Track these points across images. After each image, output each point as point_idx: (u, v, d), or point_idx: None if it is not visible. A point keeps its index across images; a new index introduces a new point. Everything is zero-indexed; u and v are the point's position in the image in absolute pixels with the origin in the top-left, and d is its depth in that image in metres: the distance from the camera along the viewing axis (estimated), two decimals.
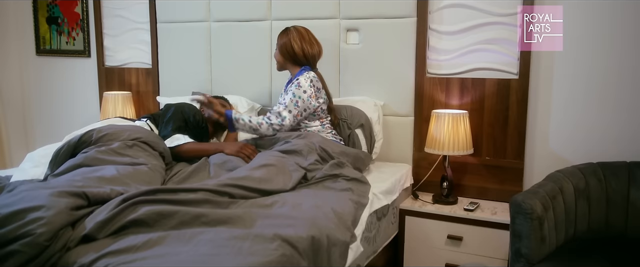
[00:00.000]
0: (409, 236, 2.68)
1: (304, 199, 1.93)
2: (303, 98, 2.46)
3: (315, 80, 2.53)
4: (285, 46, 2.58)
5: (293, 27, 2.62)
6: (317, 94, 2.52)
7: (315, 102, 2.51)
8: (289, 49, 2.57)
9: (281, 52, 2.62)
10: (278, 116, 2.46)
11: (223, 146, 2.46)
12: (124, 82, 3.74)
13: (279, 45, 2.62)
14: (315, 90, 2.51)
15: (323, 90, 2.58)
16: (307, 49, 2.57)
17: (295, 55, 2.57)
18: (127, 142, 2.24)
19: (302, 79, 2.50)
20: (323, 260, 1.66)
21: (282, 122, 2.45)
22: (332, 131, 2.61)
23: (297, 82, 2.50)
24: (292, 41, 2.57)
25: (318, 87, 2.54)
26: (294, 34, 2.59)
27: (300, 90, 2.47)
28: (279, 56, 2.64)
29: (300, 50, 2.56)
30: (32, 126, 4.21)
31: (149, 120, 2.63)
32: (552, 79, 2.63)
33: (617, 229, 2.26)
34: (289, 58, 2.60)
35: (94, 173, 1.96)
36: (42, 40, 4.05)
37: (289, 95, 2.48)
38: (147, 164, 2.14)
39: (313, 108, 2.51)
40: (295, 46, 2.56)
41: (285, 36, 2.60)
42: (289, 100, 2.46)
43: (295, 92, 2.47)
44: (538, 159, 2.69)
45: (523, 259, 2.06)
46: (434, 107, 2.80)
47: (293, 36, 2.58)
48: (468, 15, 2.72)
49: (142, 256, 1.43)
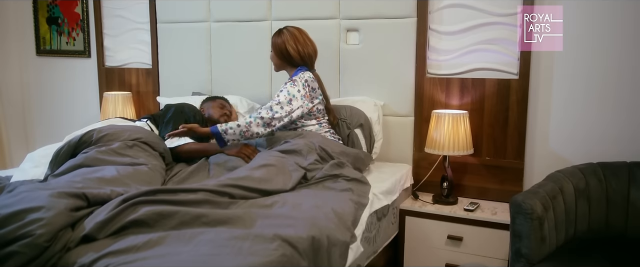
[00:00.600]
0: (409, 236, 2.68)
1: (304, 199, 1.93)
2: (296, 97, 2.44)
3: (311, 80, 2.51)
4: (279, 48, 2.57)
5: (286, 29, 2.60)
6: (312, 94, 2.50)
7: (309, 102, 2.49)
8: (283, 50, 2.56)
9: (276, 54, 2.61)
10: (269, 110, 2.38)
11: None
12: (124, 83, 3.74)
13: (273, 47, 2.61)
14: (309, 90, 2.49)
15: (319, 91, 2.57)
16: (301, 49, 2.55)
17: (290, 56, 2.56)
18: (128, 143, 2.25)
19: (297, 78, 2.49)
20: (323, 260, 1.66)
21: (273, 116, 2.37)
22: (329, 130, 2.60)
23: (291, 81, 2.49)
24: (286, 43, 2.55)
25: (313, 87, 2.52)
26: (287, 35, 2.57)
27: (294, 88, 2.45)
28: (274, 58, 2.63)
29: (295, 52, 2.55)
30: (32, 126, 4.21)
31: (149, 121, 2.63)
32: (552, 79, 2.63)
33: (617, 229, 2.25)
34: (284, 59, 2.59)
35: (94, 174, 1.96)
36: (42, 40, 4.05)
37: (284, 92, 2.45)
38: (148, 165, 2.14)
39: (307, 108, 2.48)
40: (290, 48, 2.55)
41: (279, 38, 2.59)
42: (282, 97, 2.42)
43: (290, 89, 2.45)
44: (538, 159, 2.69)
45: (523, 259, 2.06)
46: (434, 108, 2.80)
47: (286, 38, 2.56)
48: (468, 16, 2.72)
49: (142, 256, 1.43)
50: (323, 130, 2.56)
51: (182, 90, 3.41)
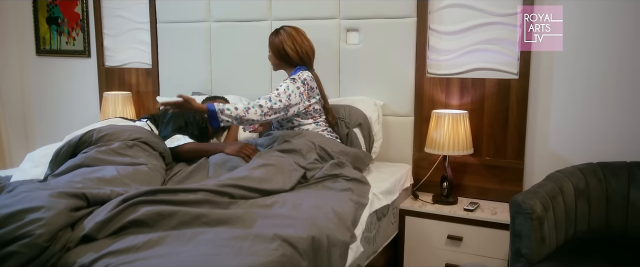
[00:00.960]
0: (409, 236, 2.68)
1: (304, 199, 1.93)
2: (295, 93, 2.41)
3: (310, 80, 2.50)
4: (277, 48, 2.56)
5: (282, 28, 2.59)
6: (309, 92, 2.48)
7: (307, 101, 2.47)
8: (281, 50, 2.55)
9: (274, 54, 2.59)
10: (268, 101, 2.33)
11: (223, 145, 2.46)
12: (124, 82, 3.74)
13: (271, 47, 2.60)
14: (307, 89, 2.47)
15: (317, 90, 2.56)
16: (299, 49, 2.54)
17: (288, 56, 2.54)
18: (128, 143, 2.25)
19: (297, 77, 2.47)
20: (323, 260, 1.66)
21: (271, 106, 2.33)
22: (327, 129, 2.60)
23: (291, 78, 2.47)
24: (284, 43, 2.54)
25: (312, 86, 2.51)
26: (284, 35, 2.55)
27: (294, 85, 2.43)
28: (272, 58, 2.62)
29: (293, 51, 2.53)
30: (32, 126, 4.21)
31: (149, 121, 2.63)
32: (552, 79, 2.62)
33: (617, 229, 2.25)
34: (282, 59, 2.58)
35: (94, 174, 1.96)
36: (42, 40, 4.05)
37: (283, 86, 2.42)
38: (148, 164, 2.14)
39: (304, 106, 2.47)
40: (287, 48, 2.53)
41: (276, 38, 2.57)
42: (281, 90, 2.40)
43: (289, 85, 2.43)
44: (538, 159, 2.69)
45: (523, 259, 2.06)
46: (434, 107, 2.80)
47: (283, 38, 2.55)
48: (468, 15, 2.72)
49: (142, 256, 1.43)
50: (320, 128, 2.56)
51: (182, 90, 3.39)
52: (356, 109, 2.78)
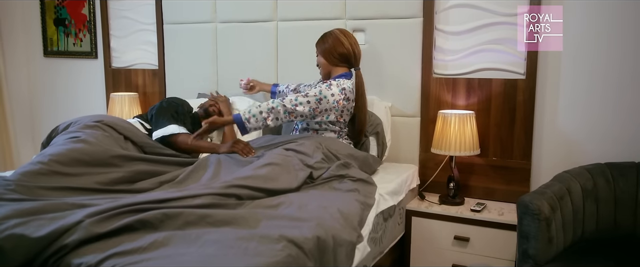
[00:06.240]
0: (416, 236, 2.67)
1: (310, 200, 1.93)
2: (328, 99, 2.37)
3: (349, 92, 2.43)
4: (333, 47, 2.48)
5: (334, 30, 2.53)
6: (344, 102, 2.41)
7: (339, 110, 2.42)
8: (338, 48, 2.47)
9: (325, 56, 2.50)
10: (294, 100, 2.32)
11: (218, 146, 2.49)
12: (131, 83, 3.75)
13: (323, 50, 2.51)
14: (343, 99, 2.41)
15: (353, 103, 2.48)
16: (354, 47, 2.50)
17: (345, 54, 2.47)
18: (89, 123, 2.35)
19: (335, 83, 2.42)
20: (329, 260, 1.65)
21: (295, 107, 2.31)
22: (347, 141, 2.57)
23: (329, 83, 2.43)
24: (338, 43, 2.47)
25: (350, 98, 2.44)
26: (338, 33, 2.50)
27: (328, 91, 2.38)
28: (323, 61, 2.52)
29: (350, 48, 2.48)
30: (39, 127, 4.24)
31: (139, 120, 2.68)
32: (559, 79, 2.61)
33: (625, 229, 2.24)
34: (335, 60, 2.50)
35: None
36: (50, 41, 4.08)
37: (316, 90, 2.38)
38: (88, 139, 2.19)
39: (335, 115, 2.43)
40: (345, 44, 2.47)
41: (330, 38, 2.50)
42: (312, 94, 2.36)
43: (323, 90, 2.38)
44: (545, 159, 2.68)
45: (530, 260, 2.05)
46: (441, 108, 2.79)
47: (338, 36, 2.49)
48: (474, 15, 2.71)
49: (148, 256, 1.43)
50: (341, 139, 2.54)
51: (188, 91, 3.41)
52: (376, 116, 2.75)
